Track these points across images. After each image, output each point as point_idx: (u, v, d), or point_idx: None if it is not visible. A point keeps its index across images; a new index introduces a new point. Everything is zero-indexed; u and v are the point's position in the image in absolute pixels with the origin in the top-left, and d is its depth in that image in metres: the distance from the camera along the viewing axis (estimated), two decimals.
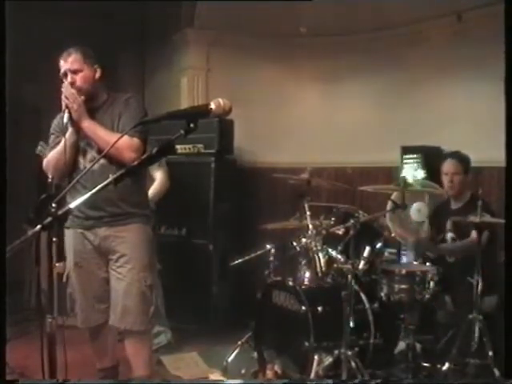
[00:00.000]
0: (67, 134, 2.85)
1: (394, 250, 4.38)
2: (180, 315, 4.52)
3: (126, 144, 2.77)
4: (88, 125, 2.86)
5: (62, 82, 2.90)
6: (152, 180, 4.23)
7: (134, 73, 6.39)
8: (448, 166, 3.84)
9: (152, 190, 4.19)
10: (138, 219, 3.00)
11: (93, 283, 3.03)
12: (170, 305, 4.45)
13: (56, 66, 2.97)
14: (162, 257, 4.38)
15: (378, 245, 3.66)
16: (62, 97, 2.84)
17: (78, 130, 2.87)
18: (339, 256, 3.67)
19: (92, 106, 2.95)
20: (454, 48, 4.85)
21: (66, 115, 2.83)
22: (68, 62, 2.92)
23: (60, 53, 2.97)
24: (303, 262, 3.73)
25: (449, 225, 3.81)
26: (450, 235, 3.81)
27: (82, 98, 2.87)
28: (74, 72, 2.91)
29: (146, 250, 3.01)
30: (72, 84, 2.88)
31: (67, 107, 2.83)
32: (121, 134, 2.66)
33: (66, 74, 2.92)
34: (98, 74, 2.99)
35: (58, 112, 2.99)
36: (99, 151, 2.85)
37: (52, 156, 2.94)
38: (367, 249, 3.60)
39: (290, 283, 3.55)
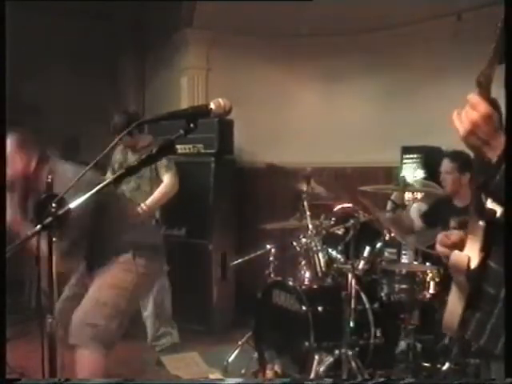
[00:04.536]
0: None
1: (394, 250, 4.37)
2: (180, 315, 4.51)
3: None
4: None
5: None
6: (160, 182, 4.23)
7: (134, 73, 6.39)
8: (442, 166, 3.85)
9: (156, 194, 4.18)
10: None
11: None
12: (171, 305, 4.45)
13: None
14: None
15: (378, 245, 3.66)
16: None
17: None
18: (339, 256, 3.67)
19: None
20: (454, 48, 4.84)
21: None
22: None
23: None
24: (303, 262, 3.73)
25: (452, 223, 3.78)
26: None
27: None
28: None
29: None
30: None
31: None
32: None
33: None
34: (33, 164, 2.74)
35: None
36: None
37: None
38: (367, 249, 3.60)
39: (290, 283, 3.55)
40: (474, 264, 1.55)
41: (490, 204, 1.56)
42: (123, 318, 2.81)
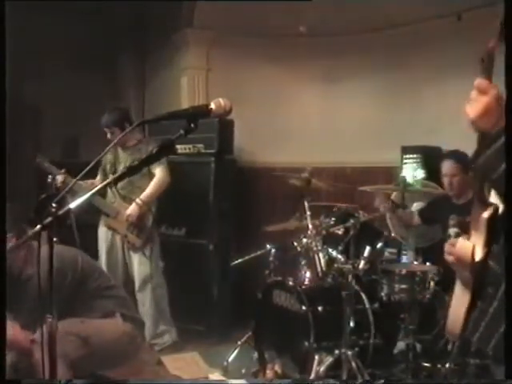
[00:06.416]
0: None
1: (394, 250, 4.37)
2: (180, 315, 4.52)
3: None
4: None
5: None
6: (152, 177, 4.24)
7: (134, 73, 6.39)
8: (446, 168, 3.80)
9: (150, 188, 4.19)
10: None
11: None
12: (171, 305, 4.45)
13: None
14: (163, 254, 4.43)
15: (378, 245, 3.67)
16: None
17: None
18: (339, 256, 3.67)
19: None
20: (454, 48, 4.84)
21: None
22: None
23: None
24: (303, 262, 3.74)
25: (452, 220, 3.77)
26: (453, 230, 3.77)
27: None
28: None
29: None
30: None
31: None
32: None
33: None
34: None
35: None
36: None
37: None
38: (367, 249, 3.60)
39: (291, 283, 3.55)
40: (477, 257, 1.56)
41: (492, 198, 1.56)
42: (89, 356, 2.76)
